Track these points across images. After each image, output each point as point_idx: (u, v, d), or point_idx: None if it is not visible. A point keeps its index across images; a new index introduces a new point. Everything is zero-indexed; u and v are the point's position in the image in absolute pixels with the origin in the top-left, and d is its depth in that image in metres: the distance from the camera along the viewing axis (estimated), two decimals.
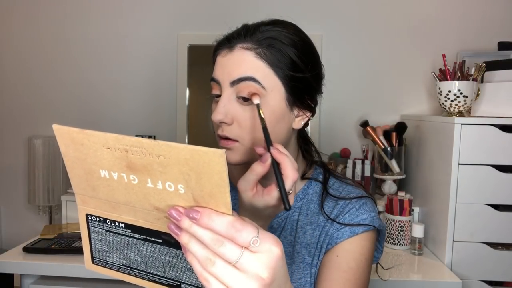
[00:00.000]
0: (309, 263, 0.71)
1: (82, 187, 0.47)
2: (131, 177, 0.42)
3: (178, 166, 0.39)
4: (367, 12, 1.82)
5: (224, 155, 0.37)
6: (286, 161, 0.54)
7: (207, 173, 0.38)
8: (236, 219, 0.41)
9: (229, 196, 0.39)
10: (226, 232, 0.40)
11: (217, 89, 0.67)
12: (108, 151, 0.41)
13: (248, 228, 0.40)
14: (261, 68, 0.63)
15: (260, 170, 0.54)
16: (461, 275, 1.28)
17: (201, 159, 0.38)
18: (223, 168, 0.38)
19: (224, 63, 0.65)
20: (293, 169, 0.53)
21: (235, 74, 0.63)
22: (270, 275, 0.40)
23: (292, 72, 0.65)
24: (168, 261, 0.48)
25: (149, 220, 0.46)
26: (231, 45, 0.65)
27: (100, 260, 0.53)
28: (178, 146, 0.38)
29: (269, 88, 0.64)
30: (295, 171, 0.53)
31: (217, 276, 0.40)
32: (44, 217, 1.90)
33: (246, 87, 0.63)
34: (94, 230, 0.51)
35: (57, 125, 0.43)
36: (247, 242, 0.40)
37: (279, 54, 0.64)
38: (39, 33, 1.91)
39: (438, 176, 1.40)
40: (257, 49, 0.64)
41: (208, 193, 0.40)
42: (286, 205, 0.50)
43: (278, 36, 0.65)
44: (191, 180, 0.40)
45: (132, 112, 1.91)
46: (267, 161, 0.54)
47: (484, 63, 1.40)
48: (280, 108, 0.65)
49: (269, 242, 0.41)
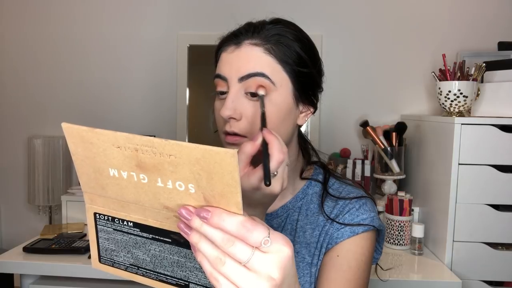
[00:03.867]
0: (309, 262, 0.71)
1: (90, 186, 0.47)
2: (141, 176, 0.42)
3: (189, 166, 0.39)
4: (367, 12, 1.82)
5: (236, 155, 0.37)
6: (275, 142, 0.53)
7: (219, 173, 0.38)
8: (247, 219, 0.40)
9: (240, 196, 0.39)
10: (237, 232, 0.40)
11: (222, 85, 0.66)
12: (118, 150, 0.41)
13: (259, 228, 0.40)
14: (270, 63, 0.64)
15: (248, 149, 0.54)
16: (461, 275, 1.28)
17: (213, 159, 0.38)
18: (235, 168, 0.37)
19: (232, 59, 0.65)
20: (280, 151, 0.52)
21: (244, 69, 0.63)
22: (281, 275, 0.40)
23: (299, 67, 0.66)
24: (176, 260, 0.48)
25: (158, 219, 0.46)
26: (238, 41, 0.65)
27: (108, 259, 0.52)
28: (189, 146, 0.38)
29: (278, 83, 0.64)
30: (281, 153, 0.52)
31: (227, 276, 0.40)
32: (44, 217, 1.90)
33: (255, 83, 0.63)
34: (102, 229, 0.51)
35: (66, 124, 0.43)
36: (258, 242, 0.40)
37: (287, 49, 0.65)
38: (39, 33, 1.91)
39: (438, 176, 1.40)
40: (265, 44, 0.64)
41: (219, 192, 0.40)
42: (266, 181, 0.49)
43: (284, 32, 0.66)
44: (202, 179, 0.40)
45: (132, 112, 1.91)
46: (257, 141, 0.54)
47: (484, 63, 1.40)
48: (287, 103, 0.66)
49: (279, 242, 0.41)
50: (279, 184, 0.54)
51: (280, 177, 0.54)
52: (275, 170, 0.52)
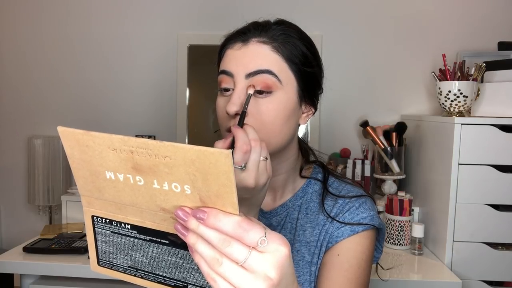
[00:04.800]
0: (309, 261, 0.71)
1: (87, 189, 0.47)
2: (137, 178, 0.42)
3: (184, 167, 0.39)
4: (367, 12, 1.82)
5: (231, 155, 0.37)
6: (239, 134, 0.53)
7: (214, 173, 0.38)
8: (244, 219, 0.40)
9: (235, 196, 0.39)
10: (233, 232, 0.40)
11: (227, 82, 0.66)
12: (113, 152, 0.41)
13: (255, 228, 0.40)
14: (278, 61, 0.64)
15: (220, 146, 0.56)
16: (461, 275, 1.28)
17: (208, 159, 0.38)
18: (230, 168, 0.38)
19: (239, 55, 0.65)
20: (244, 142, 0.53)
21: (251, 66, 0.64)
22: (278, 275, 0.40)
23: (305, 67, 0.67)
24: (174, 262, 0.48)
25: (155, 221, 0.46)
26: (246, 38, 0.66)
27: (106, 262, 0.53)
28: (184, 147, 0.38)
29: (284, 82, 0.65)
30: (245, 145, 0.53)
31: (224, 276, 0.40)
32: (44, 217, 1.90)
33: (262, 80, 0.63)
34: (100, 232, 0.51)
35: (62, 127, 0.43)
36: (255, 242, 0.40)
37: (294, 48, 0.66)
38: (39, 33, 1.91)
39: (438, 176, 1.40)
40: (273, 43, 0.65)
41: (215, 193, 0.40)
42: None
43: (290, 32, 0.67)
44: (198, 180, 0.40)
45: (132, 112, 1.91)
46: (228, 138, 0.56)
47: (484, 63, 1.40)
48: (293, 102, 0.67)
49: (276, 242, 0.41)
50: (251, 177, 0.53)
51: (251, 170, 0.53)
52: (241, 162, 0.52)
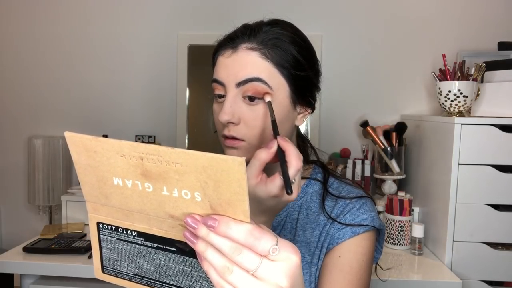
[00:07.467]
0: (309, 262, 0.71)
1: (94, 195, 0.46)
2: (146, 185, 0.42)
3: (196, 174, 0.39)
4: (367, 12, 1.82)
5: (244, 163, 0.36)
6: (292, 149, 0.53)
7: (226, 181, 0.38)
8: (255, 227, 0.40)
9: (247, 204, 0.39)
10: (244, 240, 0.39)
11: (220, 89, 0.67)
12: (122, 158, 0.41)
13: (267, 236, 0.39)
14: (267, 68, 0.64)
15: (264, 156, 0.54)
16: (461, 275, 1.28)
17: (220, 167, 0.37)
18: (243, 176, 0.37)
19: (228, 63, 0.65)
20: (297, 158, 0.52)
21: (241, 74, 0.63)
22: (289, 284, 0.39)
23: (296, 71, 0.66)
24: (182, 269, 0.47)
25: (163, 228, 0.45)
26: (235, 45, 0.65)
27: (111, 269, 0.52)
28: (196, 154, 0.37)
29: (275, 87, 0.64)
30: (299, 161, 0.53)
31: (235, 284, 0.39)
32: (44, 217, 1.90)
33: (252, 88, 0.63)
34: (105, 239, 0.50)
35: (69, 133, 0.42)
36: (266, 250, 0.39)
37: (284, 53, 0.65)
38: (39, 33, 1.91)
39: (438, 176, 1.40)
40: (262, 49, 0.64)
41: (226, 201, 0.39)
42: (288, 189, 0.49)
43: (281, 35, 0.66)
44: (209, 188, 0.39)
45: (132, 112, 1.91)
46: (272, 148, 0.54)
47: (484, 63, 1.40)
48: (285, 106, 0.66)
49: (287, 250, 0.40)
50: (296, 191, 0.54)
51: (297, 184, 0.54)
52: (294, 177, 0.52)
